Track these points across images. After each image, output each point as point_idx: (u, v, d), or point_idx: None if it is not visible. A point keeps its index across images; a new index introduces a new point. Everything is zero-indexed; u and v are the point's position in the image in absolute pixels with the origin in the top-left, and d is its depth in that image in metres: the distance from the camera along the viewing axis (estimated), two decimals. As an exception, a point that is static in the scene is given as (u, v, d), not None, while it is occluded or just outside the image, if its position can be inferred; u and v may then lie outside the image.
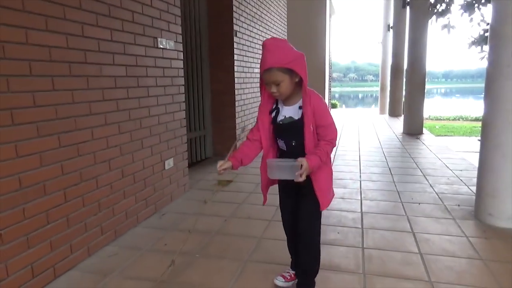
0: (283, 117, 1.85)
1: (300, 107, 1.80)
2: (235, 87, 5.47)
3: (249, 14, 6.01)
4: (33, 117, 2.08)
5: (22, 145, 2.01)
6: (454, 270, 2.34)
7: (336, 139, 1.83)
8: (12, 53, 1.94)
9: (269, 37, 7.33)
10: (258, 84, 6.60)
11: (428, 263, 2.42)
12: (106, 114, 2.69)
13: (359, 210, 3.39)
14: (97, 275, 2.32)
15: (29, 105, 2.05)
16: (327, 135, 1.80)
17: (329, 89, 15.09)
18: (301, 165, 1.69)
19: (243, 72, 5.76)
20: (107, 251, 2.63)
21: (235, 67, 5.42)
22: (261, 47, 6.43)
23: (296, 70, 1.69)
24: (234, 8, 5.36)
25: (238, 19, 5.52)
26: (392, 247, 2.66)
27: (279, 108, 1.87)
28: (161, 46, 3.38)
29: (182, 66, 3.78)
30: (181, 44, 3.76)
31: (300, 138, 1.79)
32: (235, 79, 5.45)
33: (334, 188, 2.03)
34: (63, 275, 2.31)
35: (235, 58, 5.41)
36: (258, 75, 7.38)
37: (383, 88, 14.02)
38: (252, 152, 1.92)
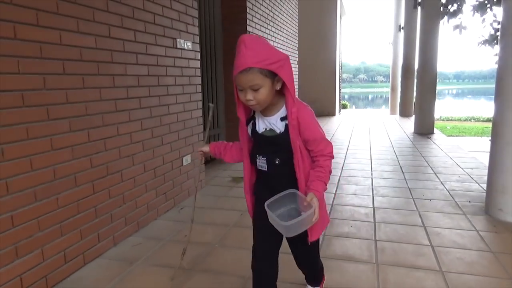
0: (263, 129, 1.53)
1: (282, 119, 1.48)
2: (249, 87, 5.59)
3: (262, 16, 6.13)
4: (66, 113, 2.22)
5: (57, 139, 2.16)
6: (465, 261, 2.42)
7: (333, 153, 1.52)
8: (48, 53, 2.09)
9: (282, 38, 7.46)
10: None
11: (439, 255, 2.51)
12: (130, 111, 2.83)
13: (371, 206, 3.48)
14: (124, 262, 2.45)
15: (62, 102, 2.19)
16: (325, 149, 1.49)
17: (340, 90, 15.14)
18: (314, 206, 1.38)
19: (256, 72, 5.88)
20: (131, 241, 2.77)
21: (248, 67, 5.53)
22: (274, 47, 6.48)
23: (281, 74, 1.37)
24: (248, 10, 5.49)
25: (252, 20, 5.65)
26: (404, 240, 2.75)
27: (255, 119, 1.55)
28: (180, 47, 3.52)
29: (199, 66, 3.92)
30: (198, 45, 3.90)
31: (286, 155, 1.49)
32: (249, 79, 5.57)
33: (346, 185, 2.08)
34: (92, 262, 2.45)
35: (248, 59, 5.53)
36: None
37: (393, 89, 14.04)
38: (237, 156, 1.71)
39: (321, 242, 2.72)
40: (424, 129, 8.04)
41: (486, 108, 19.72)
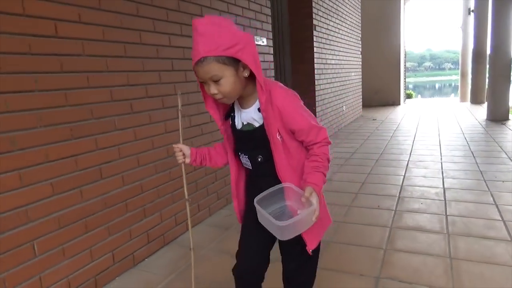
0: (241, 124, 1.35)
1: (259, 110, 1.27)
2: (315, 78, 5.87)
3: (327, 8, 6.35)
4: (146, 107, 2.45)
5: (139, 130, 2.63)
6: (537, 234, 2.53)
7: (328, 136, 1.31)
8: (131, 52, 2.35)
9: (346, 29, 7.60)
10: (335, 74, 6.95)
11: (511, 227, 2.64)
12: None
13: (441, 186, 3.62)
14: (220, 228, 2.91)
15: (142, 96, 2.48)
16: (317, 137, 1.28)
17: (404, 79, 14.75)
18: (313, 202, 1.18)
19: (321, 63, 6.14)
20: (223, 213, 3.23)
21: (315, 59, 5.82)
22: (336, 38, 6.85)
23: (242, 59, 1.16)
24: (313, 4, 5.75)
25: (317, 14, 5.90)
26: (475, 215, 2.89)
27: (235, 111, 1.38)
28: (257, 43, 3.90)
29: (272, 60, 4.28)
30: (271, 40, 4.26)
31: (268, 151, 1.29)
32: (315, 70, 5.85)
33: (414, 169, 2.08)
34: (195, 227, 2.94)
35: (314, 51, 5.81)
36: (336, 65, 7.71)
37: (463, 75, 13.40)
38: (223, 157, 1.49)
39: (391, 215, 2.97)
40: (498, 116, 7.72)
41: None
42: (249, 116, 1.31)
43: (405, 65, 13.87)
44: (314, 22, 5.82)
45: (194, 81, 2.97)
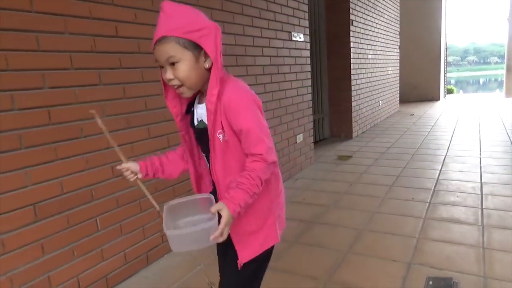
0: (197, 121, 1.24)
1: None
2: (351, 73, 5.91)
3: (364, 3, 6.35)
4: None
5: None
6: None
7: (270, 154, 1.13)
8: None
9: (383, 23, 7.54)
10: (371, 69, 6.94)
11: (549, 222, 2.63)
12: (258, 95, 3.42)
13: (479, 181, 3.61)
14: (258, 215, 3.07)
15: None
16: (254, 147, 1.11)
17: (445, 74, 14.30)
18: (219, 219, 1.06)
19: (358, 58, 6.16)
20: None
21: (351, 54, 5.85)
22: (373, 33, 6.90)
23: (204, 45, 1.09)
24: (351, -1, 5.78)
25: (354, 9, 5.93)
26: (511, 209, 2.90)
27: (194, 107, 1.27)
28: (294, 39, 4.03)
29: (309, 55, 4.40)
30: (308, 36, 4.37)
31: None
32: (351, 65, 5.89)
33: (451, 163, 2.07)
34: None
35: (351, 46, 5.84)
36: (372, 61, 7.68)
37: (509, 69, 12.80)
38: (174, 170, 1.34)
39: (425, 207, 3.02)
40: (545, 111, 7.40)
41: None
42: (202, 111, 1.20)
43: (445, 59, 13.46)
44: (351, 17, 5.85)
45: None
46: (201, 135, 1.20)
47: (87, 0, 1.95)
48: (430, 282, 1.98)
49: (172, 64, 1.09)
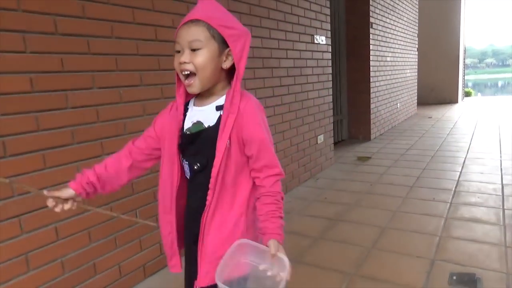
0: (191, 124, 1.15)
1: (218, 108, 1.12)
2: (370, 75, 5.97)
3: (384, 6, 6.40)
4: None
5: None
6: None
7: (282, 172, 1.12)
8: None
9: (402, 26, 7.57)
10: (390, 71, 6.98)
11: None
12: (282, 96, 3.54)
13: (499, 182, 3.64)
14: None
15: None
16: (270, 164, 1.11)
17: (463, 76, 14.17)
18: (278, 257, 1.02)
19: (377, 61, 6.21)
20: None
21: (370, 56, 5.91)
22: (392, 35, 7.02)
23: (232, 46, 1.07)
24: (370, 2, 5.84)
25: (374, 12, 5.99)
26: (534, 210, 2.94)
27: (188, 109, 1.19)
28: (316, 42, 4.13)
29: (330, 58, 4.49)
30: (330, 39, 4.47)
31: (205, 159, 1.11)
32: (370, 67, 5.95)
33: (471, 165, 2.10)
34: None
35: (370, 48, 5.90)
36: (391, 63, 7.70)
37: (529, 72, 12.62)
38: (116, 182, 1.21)
39: (447, 207, 3.08)
40: None
41: None
42: (203, 114, 1.14)
43: (464, 62, 13.35)
44: (371, 20, 5.91)
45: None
46: (191, 138, 1.13)
47: (130, 6, 2.09)
48: (454, 277, 2.06)
49: (193, 50, 1.05)
